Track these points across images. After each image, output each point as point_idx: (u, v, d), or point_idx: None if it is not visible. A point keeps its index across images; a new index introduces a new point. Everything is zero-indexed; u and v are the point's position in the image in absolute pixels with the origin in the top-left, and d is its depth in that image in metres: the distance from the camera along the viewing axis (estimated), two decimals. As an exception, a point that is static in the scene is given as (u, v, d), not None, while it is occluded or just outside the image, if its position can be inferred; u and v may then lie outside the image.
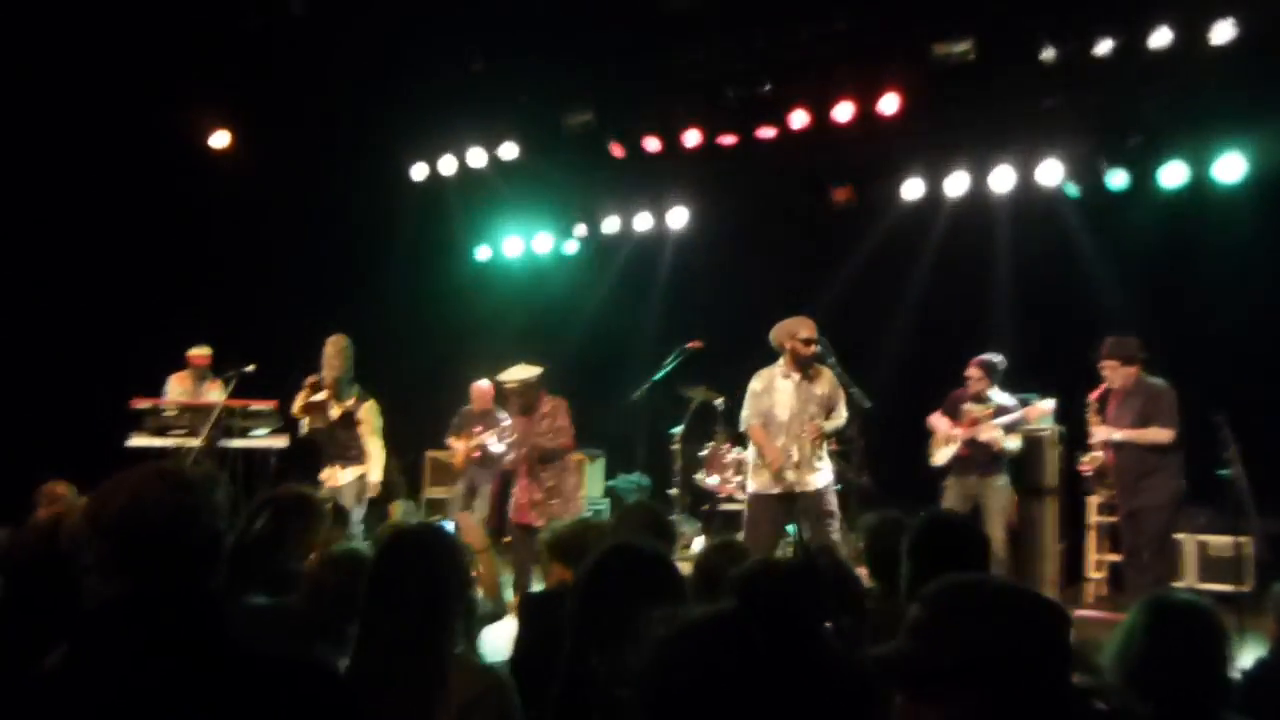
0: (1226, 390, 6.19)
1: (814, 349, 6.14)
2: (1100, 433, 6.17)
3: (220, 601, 1.69)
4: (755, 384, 6.29)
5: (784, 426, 6.10)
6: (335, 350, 7.07)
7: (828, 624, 1.26)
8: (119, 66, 8.05)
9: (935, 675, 1.28)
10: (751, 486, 6.25)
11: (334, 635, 2.95)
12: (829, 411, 6.22)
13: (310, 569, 3.13)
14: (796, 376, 6.15)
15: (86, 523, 1.68)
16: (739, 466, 8.57)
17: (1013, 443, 6.84)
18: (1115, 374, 6.10)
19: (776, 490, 6.09)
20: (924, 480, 7.17)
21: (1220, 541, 6.88)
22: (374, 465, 7.15)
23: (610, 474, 9.60)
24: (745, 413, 6.37)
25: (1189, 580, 6.95)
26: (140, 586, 1.62)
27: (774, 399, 6.17)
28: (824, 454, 6.18)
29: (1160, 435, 5.93)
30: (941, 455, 7.00)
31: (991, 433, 6.75)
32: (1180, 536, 7.01)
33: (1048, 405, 6.87)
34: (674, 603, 2.30)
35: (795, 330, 6.15)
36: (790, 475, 6.05)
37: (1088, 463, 6.25)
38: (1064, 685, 1.35)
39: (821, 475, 6.12)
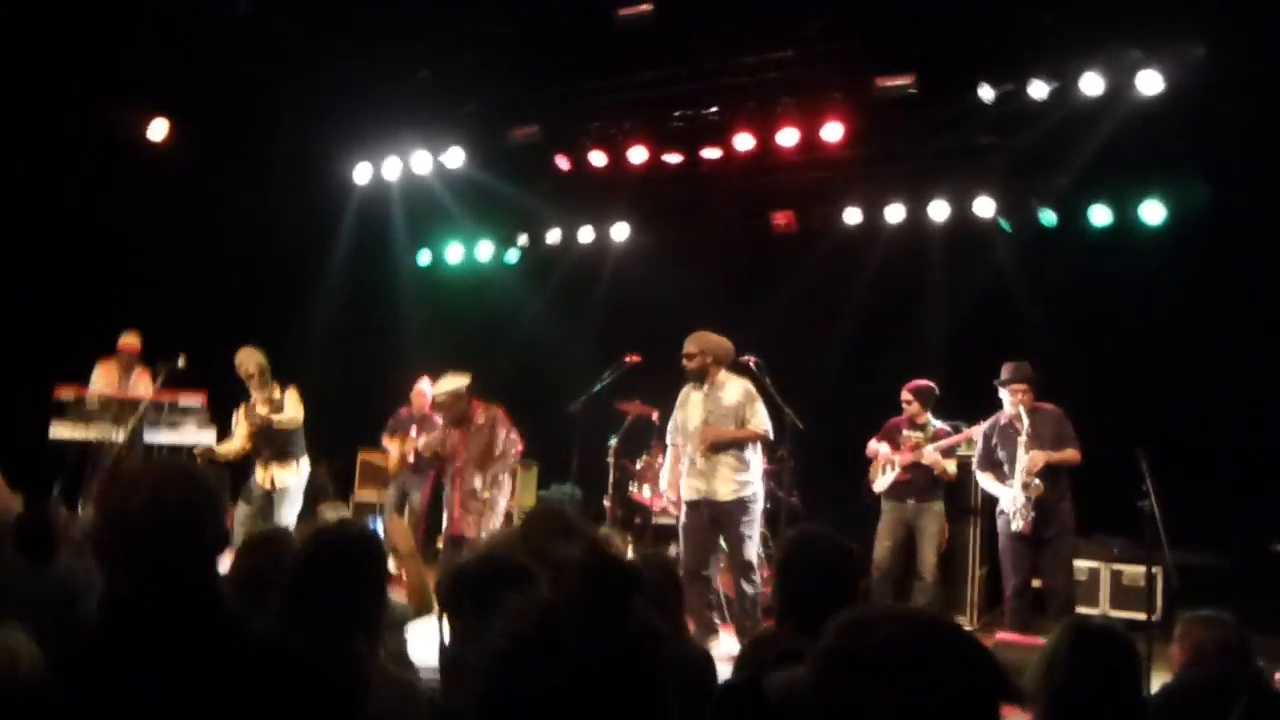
0: (1143, 422, 6.46)
1: (687, 363, 6.33)
2: (1040, 457, 6.15)
3: (212, 594, 1.71)
4: (679, 400, 6.56)
5: (691, 435, 6.33)
6: (244, 354, 7.10)
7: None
8: (56, 53, 7.87)
9: (831, 709, 1.21)
10: (682, 493, 6.43)
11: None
12: (740, 421, 6.27)
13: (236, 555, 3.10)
14: (705, 388, 6.35)
15: (103, 518, 1.71)
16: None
17: (952, 466, 7.03)
18: (1026, 397, 6.26)
19: (692, 497, 6.28)
20: (857, 503, 7.32)
21: (1133, 571, 7.13)
22: (286, 414, 7.06)
23: (543, 484, 9.60)
24: (668, 430, 6.64)
25: (1102, 608, 7.20)
26: (155, 581, 1.65)
27: (686, 412, 6.43)
28: (734, 465, 6.20)
29: (1076, 457, 6.19)
30: (881, 481, 7.14)
31: (934, 456, 6.93)
32: (1096, 565, 7.27)
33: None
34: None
35: (684, 346, 6.38)
36: (700, 484, 6.22)
37: (1036, 489, 6.19)
38: None
39: (727, 487, 6.15)
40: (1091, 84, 7.53)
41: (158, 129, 9.16)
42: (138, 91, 8.69)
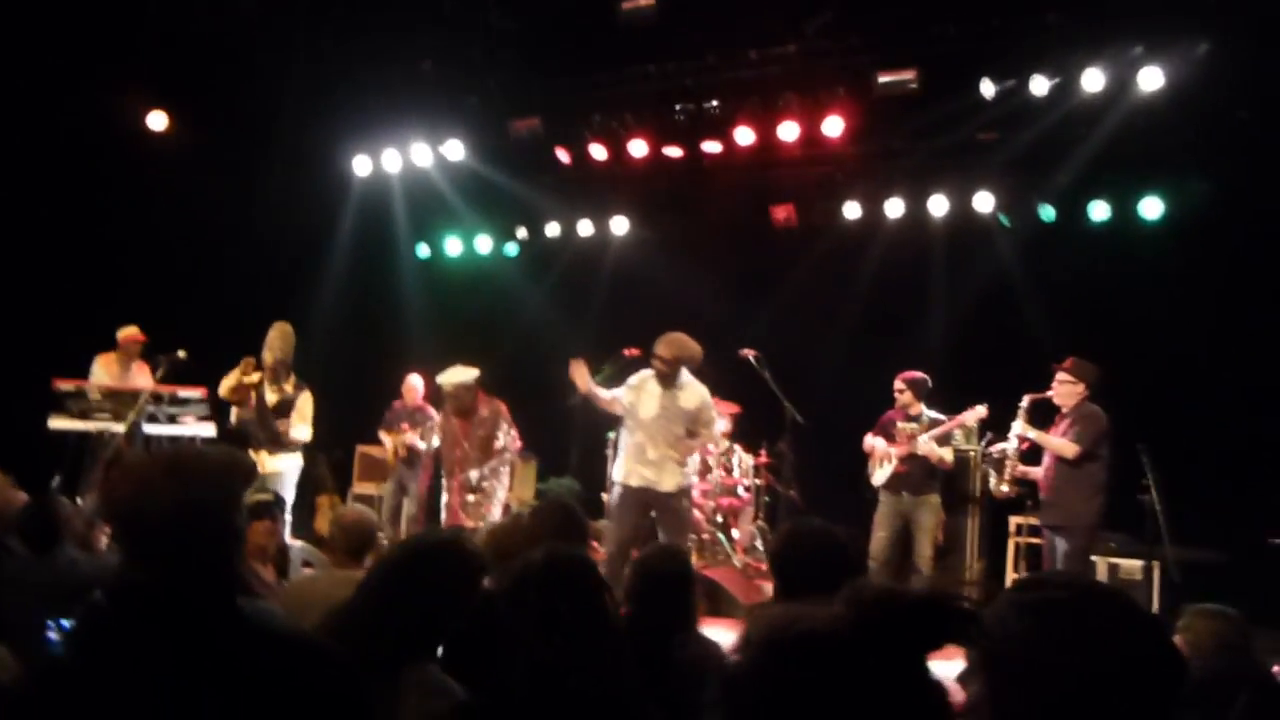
0: (1143, 416, 6.48)
1: (658, 366, 6.37)
2: (1015, 426, 6.43)
3: (230, 589, 1.70)
4: (633, 379, 6.60)
5: (643, 424, 6.42)
6: (279, 334, 7.04)
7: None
8: (56, 42, 7.85)
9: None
10: (615, 474, 6.54)
11: None
12: (695, 425, 6.44)
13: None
14: (664, 387, 6.42)
15: (102, 505, 1.70)
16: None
17: (949, 455, 7.04)
18: (1061, 387, 6.28)
19: (636, 483, 6.37)
20: (857, 497, 7.34)
21: (1131, 565, 7.16)
22: (296, 433, 7.07)
23: (542, 477, 9.61)
24: (617, 391, 6.63)
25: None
26: (150, 572, 1.65)
27: (640, 398, 6.47)
28: (680, 462, 6.42)
29: (1065, 448, 6.13)
30: (879, 475, 7.15)
31: (928, 446, 6.94)
32: (1092, 559, 7.30)
33: (980, 411, 7.06)
34: (593, 601, 2.38)
35: (655, 345, 6.44)
36: (648, 473, 6.35)
37: (997, 452, 6.55)
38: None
39: (672, 480, 6.37)
40: (1093, 80, 7.55)
41: (157, 120, 9.13)
42: (137, 82, 8.66)
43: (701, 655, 3.09)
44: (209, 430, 7.88)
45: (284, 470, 7.00)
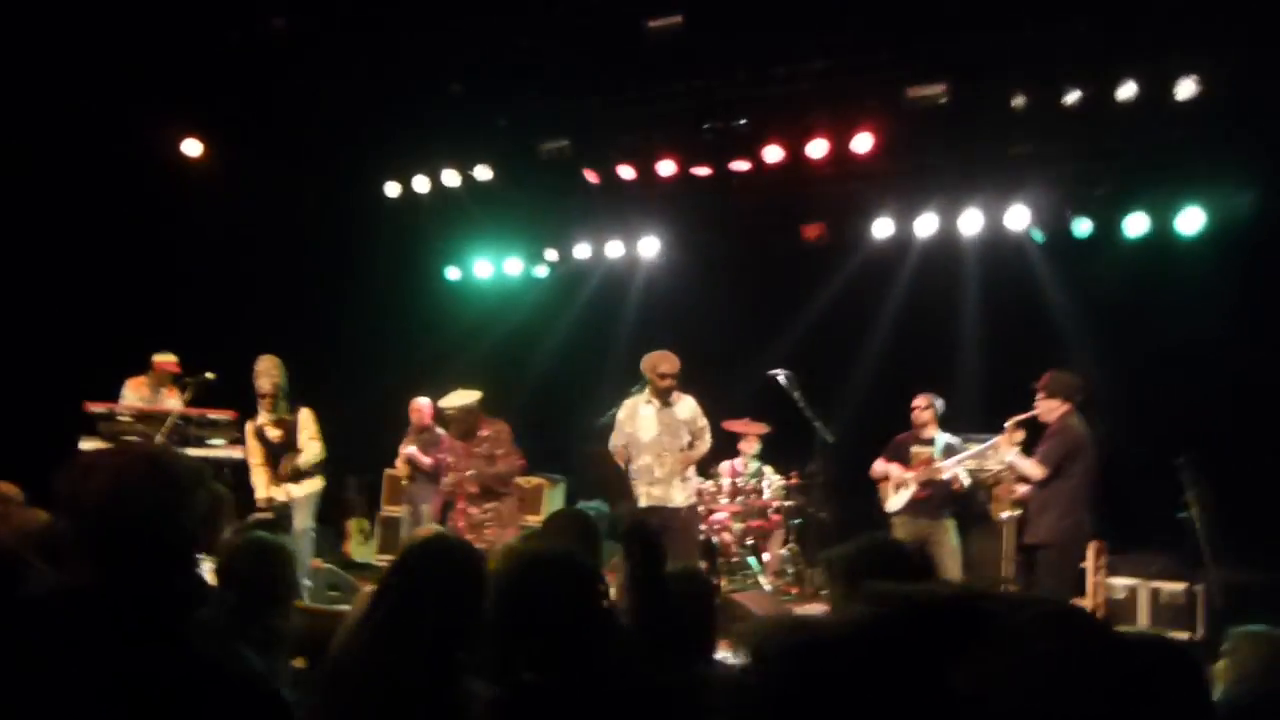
0: (1189, 435, 6.28)
1: (669, 383, 6.66)
2: (1000, 451, 6.46)
3: (183, 602, 1.62)
4: (620, 414, 6.90)
5: (647, 447, 6.69)
6: (272, 363, 7.09)
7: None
8: (93, 71, 7.96)
9: None
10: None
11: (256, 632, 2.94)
12: (692, 434, 6.74)
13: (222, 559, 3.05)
14: (657, 404, 6.73)
15: (62, 499, 1.61)
16: (700, 494, 8.57)
17: (965, 477, 6.95)
18: (1040, 405, 6.17)
19: (645, 504, 6.59)
20: (886, 516, 7.19)
21: (1172, 589, 6.94)
22: (308, 456, 7.03)
23: (571, 499, 9.53)
24: (611, 440, 6.92)
25: (1140, 626, 7.00)
26: (106, 576, 1.56)
27: (637, 424, 6.76)
28: (686, 476, 6.72)
29: (1030, 470, 6.03)
30: (896, 500, 7.03)
31: (953, 470, 6.82)
32: (1133, 582, 7.09)
33: (1019, 435, 6.94)
34: (591, 609, 2.29)
35: (656, 365, 6.67)
36: (655, 491, 6.60)
37: (988, 478, 6.87)
38: None
39: (681, 495, 6.67)
40: (1127, 90, 7.40)
41: (192, 147, 9.23)
42: (172, 109, 8.76)
43: (719, 678, 3.00)
44: (239, 454, 7.90)
45: (302, 496, 7.01)
